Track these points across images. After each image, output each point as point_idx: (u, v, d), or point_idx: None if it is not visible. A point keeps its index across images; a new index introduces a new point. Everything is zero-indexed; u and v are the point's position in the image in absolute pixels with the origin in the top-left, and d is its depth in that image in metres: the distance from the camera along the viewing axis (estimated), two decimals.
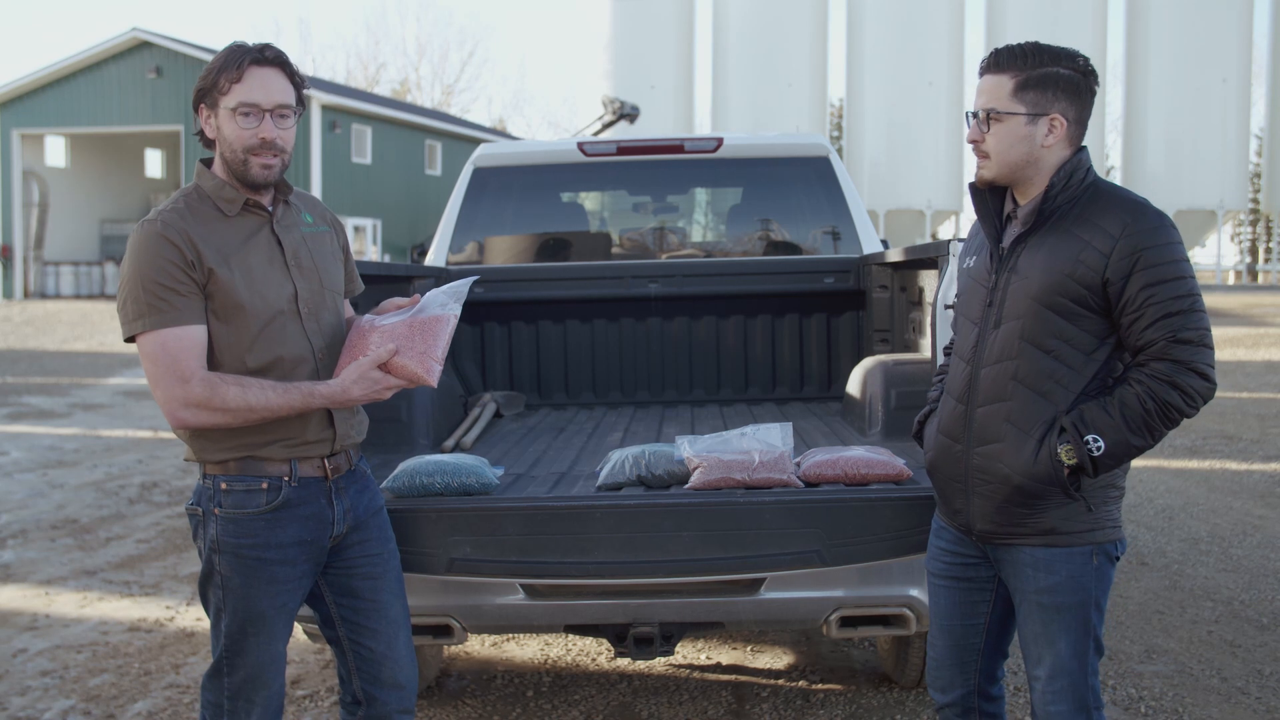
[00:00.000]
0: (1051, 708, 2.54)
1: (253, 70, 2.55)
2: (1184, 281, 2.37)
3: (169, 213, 2.55)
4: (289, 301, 2.61)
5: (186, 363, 2.47)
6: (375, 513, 2.81)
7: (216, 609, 2.62)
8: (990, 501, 2.53)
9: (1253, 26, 37.88)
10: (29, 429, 11.44)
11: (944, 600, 2.73)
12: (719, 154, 5.39)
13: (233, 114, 2.55)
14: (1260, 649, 4.73)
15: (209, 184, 2.62)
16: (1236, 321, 22.80)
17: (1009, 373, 2.49)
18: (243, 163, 2.57)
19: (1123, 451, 2.39)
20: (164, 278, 2.47)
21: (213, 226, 2.57)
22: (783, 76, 37.06)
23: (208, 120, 2.60)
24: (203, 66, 18.90)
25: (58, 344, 20.84)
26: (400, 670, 2.78)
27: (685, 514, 3.07)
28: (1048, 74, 2.46)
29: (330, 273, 2.73)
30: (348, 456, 2.73)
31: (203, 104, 2.60)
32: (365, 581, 2.74)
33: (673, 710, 4.15)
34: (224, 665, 2.62)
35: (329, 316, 2.70)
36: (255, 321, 2.55)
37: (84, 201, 33.92)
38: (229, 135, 2.57)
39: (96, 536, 6.94)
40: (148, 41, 30.19)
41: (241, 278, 2.55)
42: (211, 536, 2.59)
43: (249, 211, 2.63)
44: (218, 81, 2.56)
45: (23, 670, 4.66)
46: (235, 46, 2.59)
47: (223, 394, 2.47)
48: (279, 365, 2.58)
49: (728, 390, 5.32)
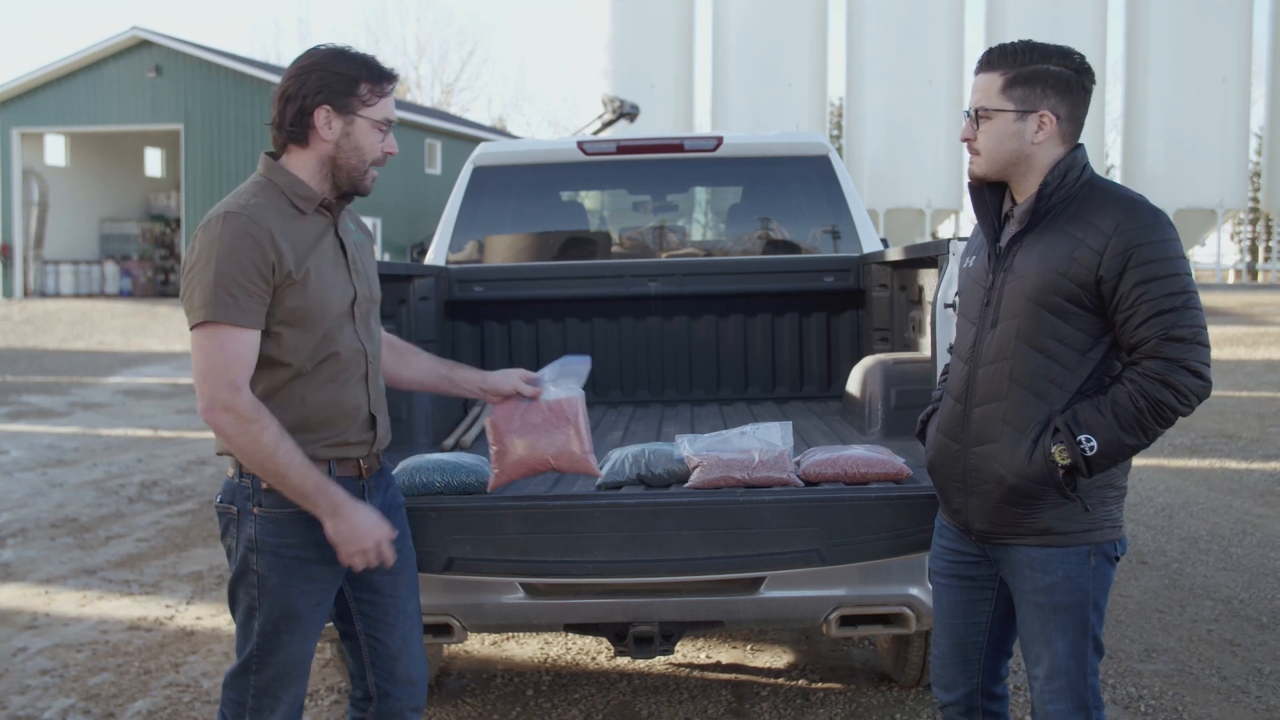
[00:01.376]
0: (1050, 707, 2.54)
1: (390, 89, 2.63)
2: (1177, 279, 2.35)
3: (254, 208, 2.51)
4: (349, 305, 2.64)
5: (238, 370, 2.46)
6: (396, 509, 2.82)
7: (249, 608, 2.59)
8: (987, 501, 2.53)
9: (1253, 26, 37.88)
10: (29, 428, 11.44)
11: (946, 599, 2.73)
12: (719, 153, 5.39)
13: (374, 126, 2.59)
14: (1260, 648, 4.73)
15: (282, 179, 2.59)
16: (1236, 320, 22.80)
17: (1005, 372, 2.49)
18: (363, 173, 2.61)
19: (1116, 451, 2.38)
20: (241, 275, 2.45)
21: (289, 223, 2.56)
22: (782, 75, 37.05)
23: (329, 123, 2.57)
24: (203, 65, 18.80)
25: (57, 343, 20.84)
26: (414, 666, 2.79)
27: (685, 513, 3.06)
28: (1037, 71, 2.46)
29: (373, 280, 2.77)
30: (377, 456, 2.75)
31: (330, 105, 2.57)
32: (385, 576, 2.75)
33: (672, 709, 4.15)
34: (253, 664, 2.61)
35: (374, 324, 2.74)
36: (324, 322, 2.57)
37: (84, 200, 33.89)
38: (364, 145, 2.59)
39: (96, 535, 6.94)
40: (147, 40, 30.16)
41: (315, 278, 2.56)
42: (249, 536, 2.57)
43: (319, 212, 2.63)
44: (358, 89, 2.57)
45: (22, 669, 4.66)
46: (371, 60, 2.61)
47: (262, 425, 2.44)
48: (336, 362, 2.60)
49: (727, 389, 5.31)
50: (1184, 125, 36.36)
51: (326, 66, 2.57)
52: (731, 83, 37.78)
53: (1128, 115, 38.37)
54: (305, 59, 2.60)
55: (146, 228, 34.74)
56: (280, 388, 2.55)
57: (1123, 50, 38.51)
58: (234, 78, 29.58)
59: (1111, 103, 40.21)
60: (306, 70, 2.57)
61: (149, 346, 20.31)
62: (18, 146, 31.46)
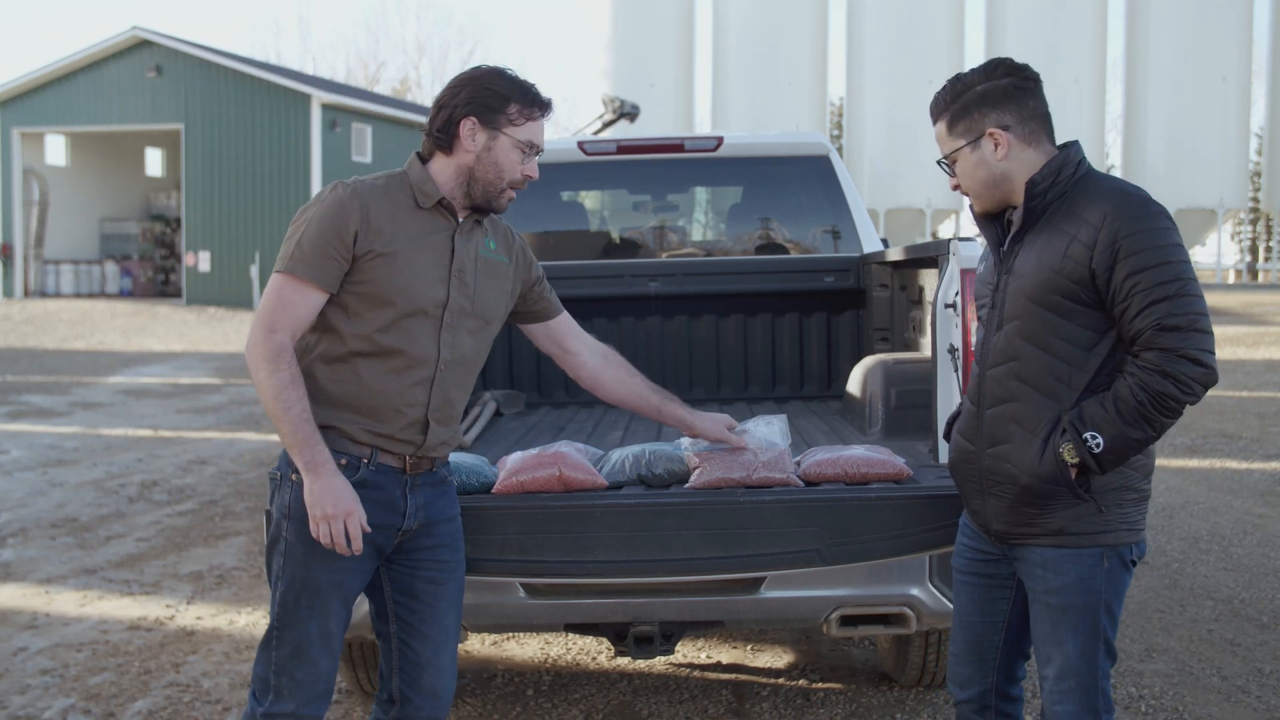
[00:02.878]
0: (1058, 708, 2.54)
1: (541, 115, 2.71)
2: (1170, 266, 2.32)
3: (366, 185, 2.65)
4: (435, 306, 2.67)
5: (281, 316, 2.56)
6: (449, 519, 2.83)
7: (276, 574, 2.66)
8: (1002, 501, 2.54)
9: (1253, 25, 37.87)
10: (29, 427, 11.44)
11: (965, 596, 2.73)
12: (719, 153, 5.39)
13: (516, 146, 2.67)
14: (1260, 647, 4.73)
15: (414, 174, 2.71)
16: (1237, 320, 22.80)
17: (1013, 373, 2.50)
18: (499, 191, 2.70)
19: (1124, 446, 2.37)
20: (320, 236, 2.56)
21: (401, 212, 2.66)
22: (783, 75, 37.04)
23: (474, 134, 2.66)
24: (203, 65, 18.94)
25: (58, 342, 20.85)
26: (440, 680, 2.80)
27: (685, 513, 3.06)
28: (964, 101, 2.53)
29: (489, 300, 2.79)
30: (430, 460, 2.76)
31: (476, 118, 2.65)
32: (428, 585, 2.77)
33: (673, 709, 4.15)
34: (274, 636, 2.64)
35: (467, 339, 2.75)
36: (396, 310, 2.62)
37: (84, 200, 33.90)
38: (503, 163, 2.67)
39: (96, 535, 6.94)
40: (148, 40, 30.16)
41: (404, 265, 2.62)
42: (285, 501, 2.63)
43: (439, 212, 2.70)
44: (507, 108, 2.65)
45: (23, 669, 4.66)
46: (528, 85, 2.71)
47: (281, 370, 2.53)
48: (401, 355, 2.64)
49: (728, 389, 5.31)
50: (1184, 125, 36.34)
51: (482, 82, 2.69)
52: (732, 82, 37.77)
53: (1128, 115, 38.35)
54: (466, 73, 2.75)
55: (147, 227, 34.75)
56: (338, 359, 2.63)
57: (1123, 50, 38.51)
58: (234, 78, 29.59)
59: (1111, 102, 40.21)
60: (463, 83, 2.70)
61: (149, 346, 20.31)
62: (18, 146, 31.46)
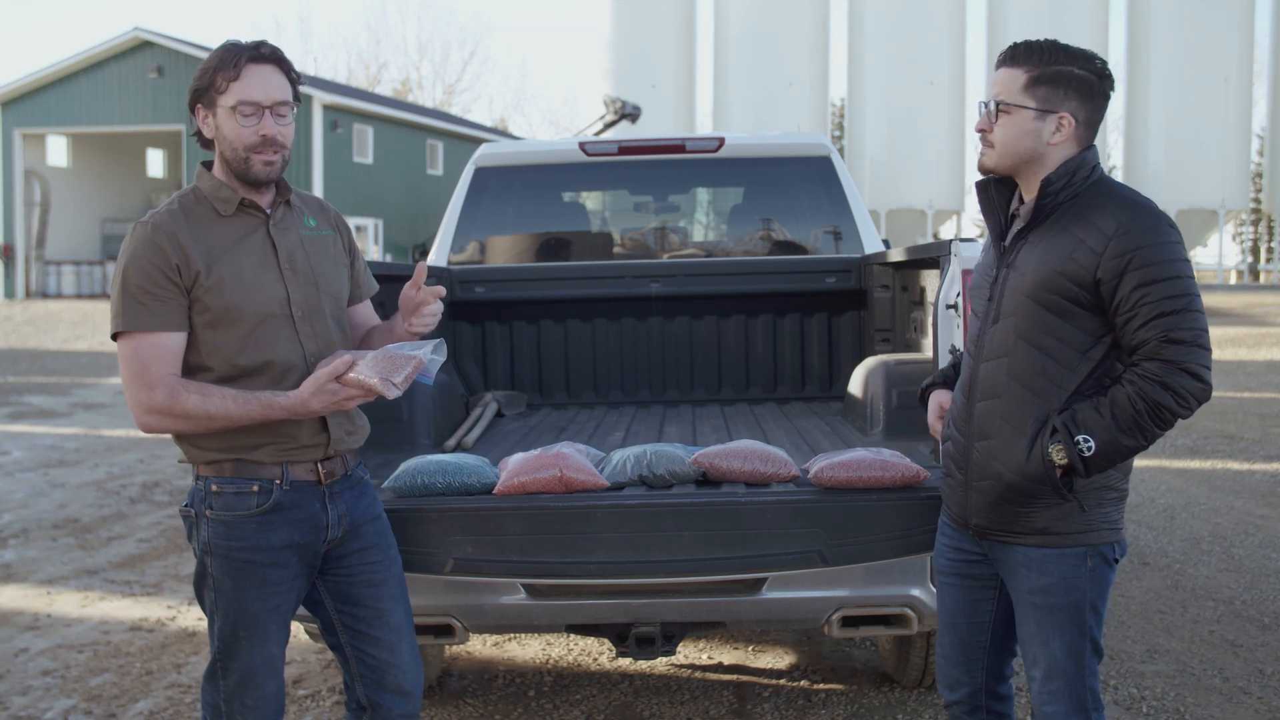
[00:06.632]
0: (1047, 708, 2.55)
1: (250, 68, 2.54)
2: (1179, 281, 2.35)
3: (162, 214, 2.56)
4: (280, 305, 2.59)
5: (154, 369, 2.48)
6: (373, 519, 2.78)
7: (210, 610, 2.62)
8: (986, 497, 2.54)
9: (1254, 26, 37.87)
10: (30, 428, 11.44)
11: (949, 597, 2.73)
12: (720, 154, 5.39)
13: (232, 112, 2.54)
14: (1262, 649, 4.72)
15: (206, 185, 2.63)
16: (1238, 321, 22.79)
17: (1004, 369, 2.50)
18: (244, 161, 2.56)
19: (1114, 452, 2.38)
20: (145, 281, 2.49)
21: (206, 228, 2.57)
22: (784, 76, 37.04)
23: (205, 120, 2.60)
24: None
25: (59, 343, 20.85)
26: (404, 677, 2.76)
27: (687, 514, 3.06)
28: (1061, 72, 2.46)
29: (329, 277, 2.71)
30: (343, 461, 2.71)
31: (199, 104, 2.60)
32: (366, 589, 2.73)
33: (674, 710, 4.15)
34: (219, 667, 2.63)
35: (325, 322, 2.68)
36: (245, 323, 2.54)
37: (85, 201, 33.93)
38: (229, 134, 2.56)
39: (98, 536, 6.94)
40: (149, 41, 30.20)
41: (232, 279, 2.54)
42: (203, 538, 2.58)
43: (245, 212, 2.62)
44: (214, 81, 2.55)
45: (24, 670, 4.66)
46: (230, 45, 2.58)
47: (183, 401, 2.47)
48: (269, 368, 2.57)
49: (729, 390, 5.31)
50: (1185, 125, 36.34)
51: (203, 65, 2.59)
52: (733, 83, 37.77)
53: (1129, 115, 38.35)
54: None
55: None
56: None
57: (1124, 50, 38.49)
58: None
59: (1112, 102, 39.94)
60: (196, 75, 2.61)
61: None
62: (19, 147, 31.49)
